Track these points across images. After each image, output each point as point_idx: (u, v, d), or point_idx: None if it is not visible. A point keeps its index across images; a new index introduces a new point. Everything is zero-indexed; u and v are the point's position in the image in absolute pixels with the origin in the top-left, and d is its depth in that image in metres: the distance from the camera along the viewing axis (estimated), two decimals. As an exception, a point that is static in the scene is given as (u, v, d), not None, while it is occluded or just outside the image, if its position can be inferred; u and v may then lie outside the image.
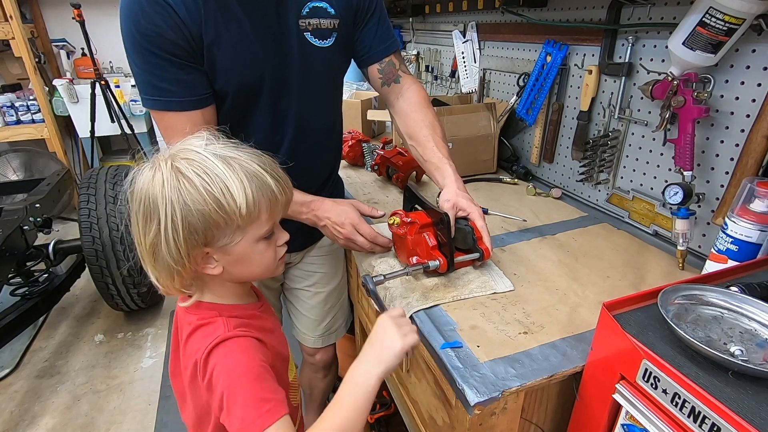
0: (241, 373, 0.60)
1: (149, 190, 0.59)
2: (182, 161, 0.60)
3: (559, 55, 1.30)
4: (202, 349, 0.62)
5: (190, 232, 0.59)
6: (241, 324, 0.66)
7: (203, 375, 0.61)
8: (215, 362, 0.60)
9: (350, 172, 1.61)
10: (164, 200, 0.58)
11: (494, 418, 0.67)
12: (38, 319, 2.22)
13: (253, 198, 0.61)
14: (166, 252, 0.60)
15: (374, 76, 1.08)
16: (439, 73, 2.12)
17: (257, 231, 0.64)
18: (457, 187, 0.94)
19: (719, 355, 0.49)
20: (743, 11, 0.78)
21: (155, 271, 0.63)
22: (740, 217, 0.76)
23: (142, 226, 0.61)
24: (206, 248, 0.62)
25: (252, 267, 0.67)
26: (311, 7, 0.93)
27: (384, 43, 1.05)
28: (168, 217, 0.58)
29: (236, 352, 0.62)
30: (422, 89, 1.11)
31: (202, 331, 0.65)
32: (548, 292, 0.86)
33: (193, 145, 0.62)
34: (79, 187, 2.12)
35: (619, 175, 1.19)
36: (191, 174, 0.59)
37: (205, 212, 0.59)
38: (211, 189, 0.58)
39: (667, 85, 0.93)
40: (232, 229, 0.62)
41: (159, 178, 0.59)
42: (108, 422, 1.80)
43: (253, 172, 0.62)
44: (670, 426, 0.51)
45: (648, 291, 0.63)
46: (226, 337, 0.62)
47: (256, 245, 0.65)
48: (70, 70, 3.48)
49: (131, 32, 0.80)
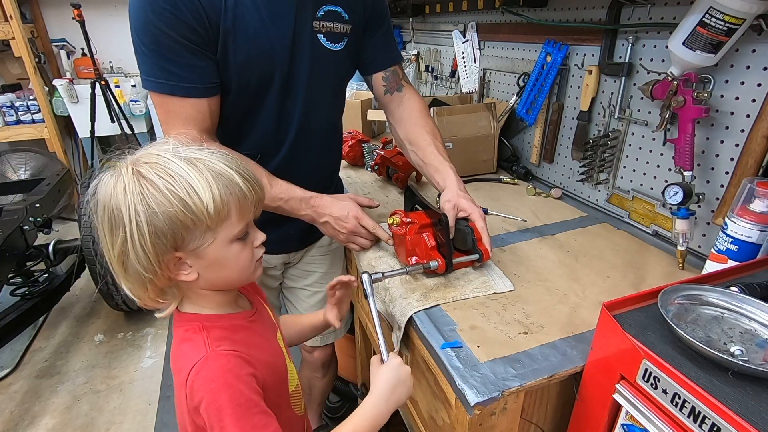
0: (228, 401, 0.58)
1: (112, 198, 0.57)
2: (144, 165, 0.58)
3: (559, 55, 1.30)
4: (186, 371, 0.59)
5: (158, 236, 0.57)
6: (223, 337, 0.63)
7: (190, 399, 0.59)
8: (201, 393, 0.58)
9: (350, 172, 1.61)
10: (127, 206, 0.56)
11: (494, 418, 0.67)
12: (38, 319, 2.22)
13: (221, 196, 0.58)
14: (135, 260, 0.57)
15: (378, 83, 1.11)
16: (439, 73, 2.12)
17: (229, 231, 0.62)
18: (458, 188, 0.95)
19: (719, 355, 0.49)
20: (743, 11, 0.78)
21: (128, 282, 0.61)
22: (740, 217, 0.76)
23: (108, 237, 0.59)
24: (177, 252, 0.60)
25: (227, 270, 0.64)
26: (326, 10, 0.93)
27: (390, 54, 1.10)
28: (133, 223, 0.56)
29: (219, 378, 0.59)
30: (422, 99, 1.14)
31: (186, 346, 0.62)
32: (548, 292, 0.86)
33: (156, 149, 0.60)
34: (79, 187, 2.12)
35: (619, 175, 1.19)
36: (154, 177, 0.56)
37: (171, 214, 0.56)
38: (176, 190, 0.56)
39: (667, 85, 0.93)
40: (201, 230, 0.59)
41: (120, 184, 0.57)
42: (108, 422, 1.80)
43: (218, 171, 0.59)
44: (670, 426, 0.51)
45: (648, 291, 0.63)
46: (207, 357, 0.60)
47: (230, 247, 0.63)
48: (70, 70, 3.48)
49: (144, 10, 0.78)
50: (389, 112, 1.15)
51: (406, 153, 1.13)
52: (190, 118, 0.86)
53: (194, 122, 0.86)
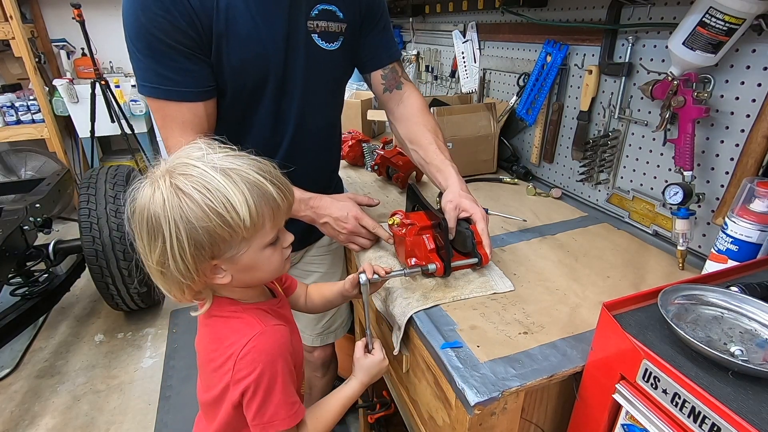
0: (281, 374, 0.66)
1: (150, 209, 0.59)
2: (180, 177, 0.59)
3: (559, 55, 1.30)
4: (240, 344, 0.64)
5: (197, 248, 0.59)
6: (268, 316, 0.70)
7: (237, 371, 0.64)
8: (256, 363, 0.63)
9: (350, 172, 1.61)
10: (167, 219, 0.58)
11: (494, 418, 0.67)
12: (38, 319, 2.22)
13: (256, 209, 0.60)
14: (174, 268, 0.60)
15: (377, 81, 1.09)
16: (439, 73, 2.12)
17: (263, 239, 0.64)
18: (460, 188, 0.94)
19: (719, 355, 0.49)
20: (743, 11, 0.78)
21: (165, 284, 0.64)
22: (740, 217, 0.76)
23: (147, 243, 0.61)
24: (214, 261, 0.62)
25: (260, 273, 0.68)
26: (321, 9, 0.93)
27: (388, 51, 1.08)
28: (173, 236, 0.58)
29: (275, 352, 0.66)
30: (422, 97, 1.13)
31: (236, 323, 0.67)
32: (548, 292, 0.86)
33: (190, 158, 0.61)
34: (79, 187, 2.12)
35: (619, 175, 1.19)
36: (191, 191, 0.58)
37: (210, 228, 0.58)
38: (214, 205, 0.58)
39: (667, 85, 0.93)
40: (237, 240, 0.62)
41: (159, 196, 0.58)
42: (108, 422, 1.80)
43: (253, 182, 0.61)
44: (670, 426, 0.51)
45: (648, 291, 0.63)
46: (263, 332, 0.66)
47: (262, 252, 0.65)
48: (70, 70, 3.48)
49: (137, 16, 0.78)
50: (389, 111, 1.14)
51: (407, 152, 1.12)
52: (188, 122, 0.86)
53: (191, 126, 0.86)
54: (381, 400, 1.45)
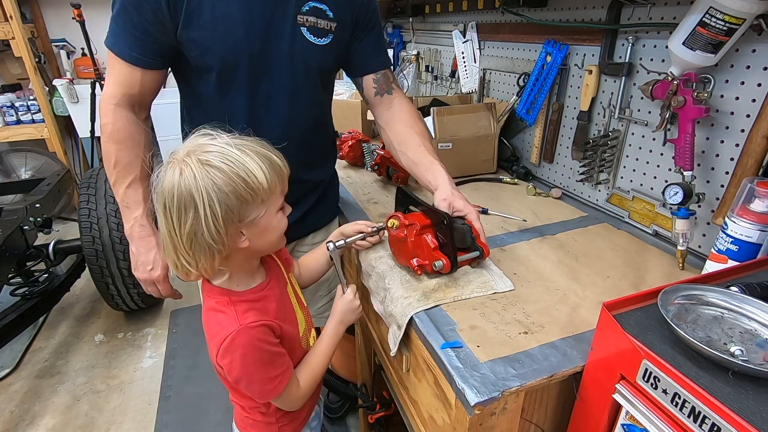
0: (254, 362, 0.76)
1: (181, 185, 0.67)
2: (204, 155, 0.69)
3: (559, 55, 1.30)
4: (221, 337, 0.74)
5: (227, 212, 0.68)
6: (248, 309, 0.78)
7: (221, 357, 0.75)
8: (233, 355, 0.74)
9: (350, 172, 1.61)
10: (199, 190, 0.66)
11: (494, 418, 0.67)
12: (38, 319, 2.22)
13: (269, 173, 0.71)
14: (208, 235, 0.68)
15: (369, 85, 1.12)
16: (439, 73, 2.12)
17: (276, 202, 0.76)
18: (451, 187, 0.95)
19: (719, 355, 0.49)
20: (743, 11, 0.78)
21: (192, 258, 0.71)
22: (740, 217, 0.76)
23: (176, 219, 0.69)
24: (240, 224, 0.72)
25: (270, 235, 0.78)
26: (311, 6, 0.96)
27: (382, 58, 1.13)
28: (206, 204, 0.67)
29: (248, 345, 0.75)
30: (412, 103, 1.15)
31: (220, 317, 0.77)
32: (548, 292, 0.86)
33: (205, 141, 0.71)
34: (79, 187, 2.12)
35: (619, 175, 1.19)
36: (218, 163, 0.68)
37: (237, 192, 0.68)
38: (237, 171, 0.68)
39: (667, 85, 0.93)
40: (257, 203, 0.72)
41: (189, 172, 0.67)
42: (108, 422, 1.80)
43: (262, 153, 0.72)
44: (670, 426, 0.51)
45: (648, 291, 0.63)
46: (238, 330, 0.74)
47: (275, 215, 0.76)
48: (70, 70, 3.48)
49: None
50: (378, 115, 1.16)
51: (395, 155, 1.13)
52: (121, 79, 0.93)
53: (122, 84, 0.93)
54: (381, 400, 1.45)
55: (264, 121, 1.00)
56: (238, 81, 0.96)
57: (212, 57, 0.92)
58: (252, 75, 0.96)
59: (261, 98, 0.99)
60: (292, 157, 1.05)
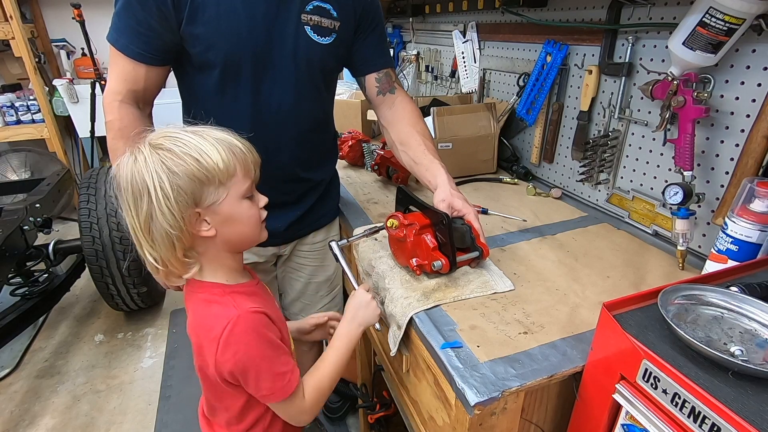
0: (261, 351, 0.71)
1: (134, 171, 0.66)
2: (158, 139, 0.68)
3: (559, 55, 1.30)
4: (220, 328, 0.69)
5: (179, 193, 0.65)
6: (246, 299, 0.74)
7: (221, 353, 0.69)
8: (236, 345, 0.69)
9: (350, 172, 1.61)
10: (150, 174, 0.65)
11: (494, 418, 0.67)
12: (38, 319, 2.22)
13: (226, 155, 0.69)
14: (162, 220, 0.65)
15: (371, 84, 1.13)
16: (439, 73, 2.12)
17: (238, 188, 0.71)
18: (450, 187, 0.95)
19: (719, 355, 0.49)
20: (743, 11, 0.78)
21: (153, 249, 0.68)
22: (740, 217, 0.76)
23: (132, 206, 0.67)
24: (197, 208, 0.68)
25: (241, 225, 0.73)
26: (315, 5, 0.97)
27: (385, 57, 1.13)
28: (157, 187, 0.64)
29: (253, 331, 0.71)
30: (414, 103, 1.16)
31: (216, 308, 0.72)
32: (548, 292, 0.86)
33: (163, 129, 0.71)
34: (79, 187, 2.12)
35: (619, 175, 1.19)
36: (170, 145, 0.67)
37: (188, 172, 0.66)
38: (189, 152, 0.66)
39: (667, 85, 0.93)
40: (215, 185, 0.68)
41: (141, 157, 0.66)
42: (108, 422, 1.80)
43: (220, 137, 0.70)
44: (670, 426, 0.51)
45: (648, 291, 0.63)
46: (239, 315, 0.70)
47: (240, 203, 0.72)
48: (70, 70, 3.48)
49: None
50: (381, 114, 1.16)
51: (397, 154, 1.14)
52: (124, 75, 0.92)
53: (126, 80, 0.93)
54: (381, 400, 1.45)
55: (265, 119, 1.00)
56: (241, 78, 0.96)
57: (215, 53, 0.92)
58: (255, 72, 0.96)
59: (263, 96, 0.99)
60: (293, 155, 1.07)
